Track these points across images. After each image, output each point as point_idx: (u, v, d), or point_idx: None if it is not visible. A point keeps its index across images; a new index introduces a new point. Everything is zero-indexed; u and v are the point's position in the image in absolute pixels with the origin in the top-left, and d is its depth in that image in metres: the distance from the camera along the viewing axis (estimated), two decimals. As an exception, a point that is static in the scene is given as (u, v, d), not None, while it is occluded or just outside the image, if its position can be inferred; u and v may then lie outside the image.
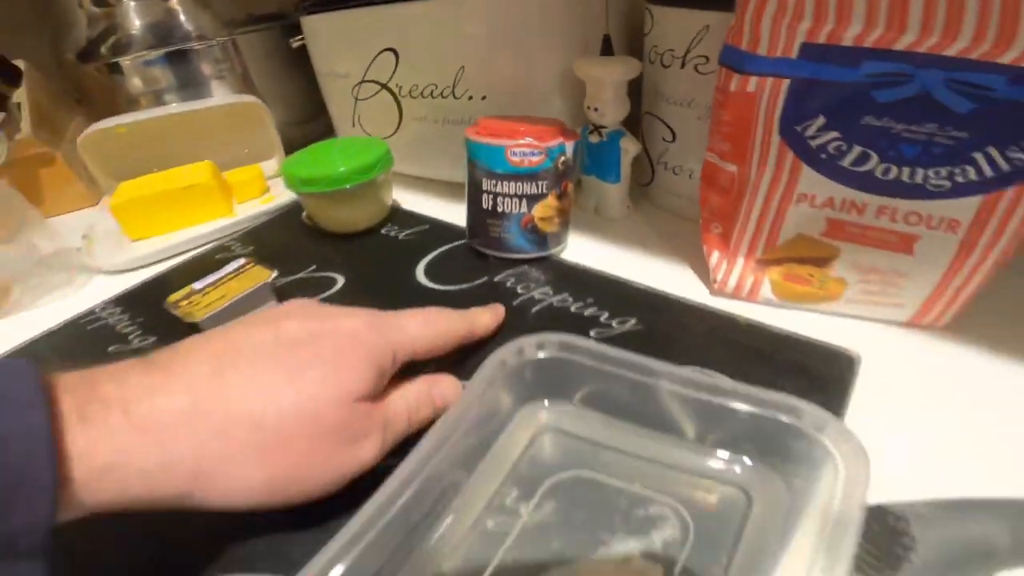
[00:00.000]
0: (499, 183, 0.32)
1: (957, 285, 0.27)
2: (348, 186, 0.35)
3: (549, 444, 0.23)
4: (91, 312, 0.35)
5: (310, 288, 0.34)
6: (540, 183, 0.32)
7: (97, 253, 0.39)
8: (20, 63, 0.48)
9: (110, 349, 0.31)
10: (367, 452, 0.20)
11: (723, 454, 0.21)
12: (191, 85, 0.50)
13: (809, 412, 0.18)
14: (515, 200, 0.32)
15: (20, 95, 0.48)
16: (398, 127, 0.44)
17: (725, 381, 0.21)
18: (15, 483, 0.15)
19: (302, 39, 0.53)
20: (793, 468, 0.19)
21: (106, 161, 0.43)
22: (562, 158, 0.32)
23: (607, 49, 0.36)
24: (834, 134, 0.25)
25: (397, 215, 0.42)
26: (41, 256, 0.36)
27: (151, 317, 0.34)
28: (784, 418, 0.19)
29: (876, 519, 0.18)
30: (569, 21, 0.37)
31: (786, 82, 0.25)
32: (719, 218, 0.31)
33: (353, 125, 0.47)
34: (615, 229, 0.38)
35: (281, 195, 0.45)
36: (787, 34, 0.24)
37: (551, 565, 0.19)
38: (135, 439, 0.17)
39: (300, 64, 0.56)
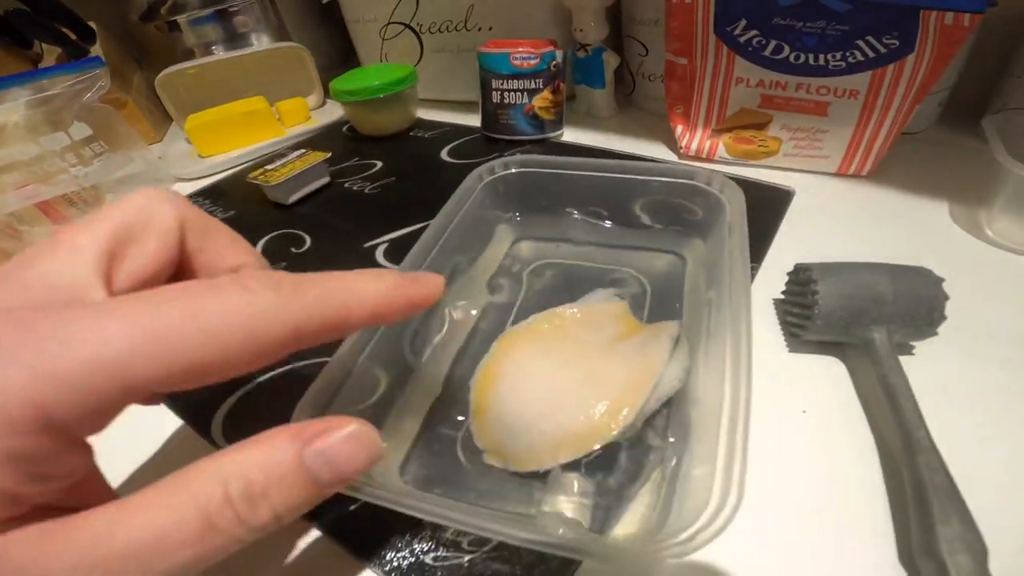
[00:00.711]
0: (505, 81, 0.40)
1: (867, 140, 0.35)
2: (381, 95, 0.44)
3: (527, 246, 0.30)
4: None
5: (356, 170, 0.42)
6: (537, 80, 0.40)
7: (176, 165, 0.48)
8: (92, 24, 0.57)
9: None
10: None
11: (659, 228, 0.28)
12: (236, 38, 0.58)
13: (702, 174, 0.26)
14: (518, 94, 0.40)
15: (96, 51, 0.56)
16: (420, 59, 0.52)
17: (649, 164, 0.28)
18: None
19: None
20: (708, 229, 0.26)
21: (177, 98, 0.51)
22: (553, 61, 0.40)
23: None
24: (754, 32, 0.34)
25: (422, 123, 0.50)
26: (133, 168, 0.44)
27: (229, 200, 0.42)
28: (690, 181, 0.26)
29: (793, 274, 0.25)
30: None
31: None
32: (680, 101, 0.39)
33: (381, 61, 0.55)
34: (604, 124, 0.46)
35: (323, 120, 0.53)
36: None
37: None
38: None
39: (329, 16, 0.63)
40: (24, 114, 0.39)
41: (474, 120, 0.46)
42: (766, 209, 0.33)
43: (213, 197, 0.43)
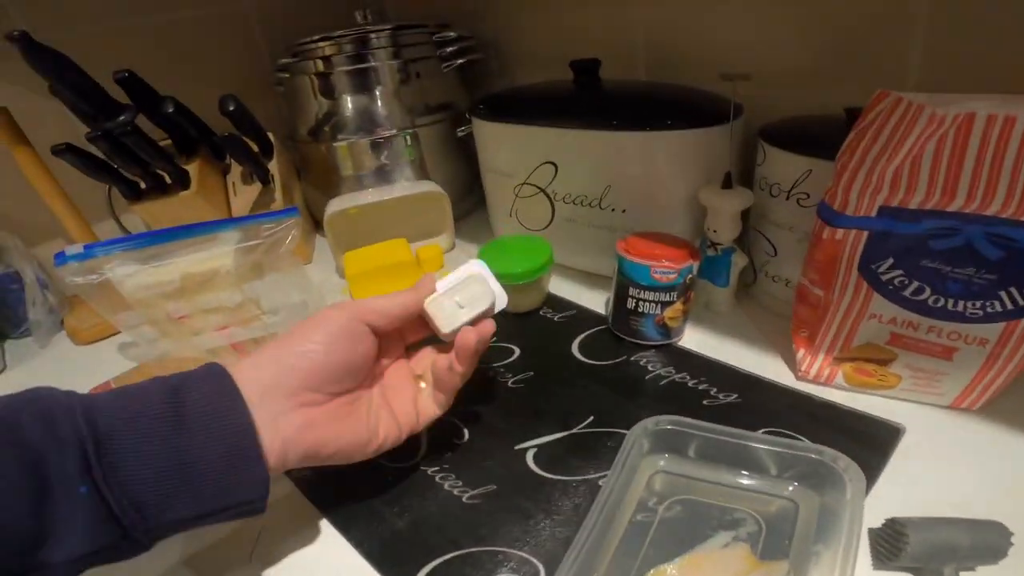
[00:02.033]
0: (642, 292, 0.43)
1: (985, 383, 0.36)
2: (521, 282, 0.48)
3: (661, 479, 0.34)
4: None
5: (496, 355, 0.47)
6: (672, 293, 0.43)
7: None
8: (271, 135, 0.65)
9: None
10: None
11: (780, 480, 0.32)
12: (382, 164, 0.66)
13: (828, 452, 0.30)
14: (652, 304, 0.44)
15: (272, 166, 0.65)
16: (549, 223, 0.56)
17: (787, 440, 0.32)
18: (243, 455, 0.27)
19: (466, 129, 0.67)
20: (823, 488, 0.31)
21: (337, 235, 0.59)
22: (689, 275, 0.43)
23: (727, 183, 0.45)
24: (899, 272, 0.35)
25: (551, 300, 0.54)
26: (298, 298, 0.52)
27: None
28: (815, 456, 0.31)
29: (888, 525, 0.29)
30: (696, 160, 0.47)
31: (865, 233, 0.34)
32: (806, 326, 0.41)
33: (510, 215, 0.60)
34: (721, 321, 0.49)
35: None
36: (869, 200, 0.34)
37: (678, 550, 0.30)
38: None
39: (462, 149, 0.70)
40: (233, 261, 0.46)
41: (596, 300, 0.50)
42: (873, 445, 0.35)
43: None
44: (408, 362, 0.39)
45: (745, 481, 0.33)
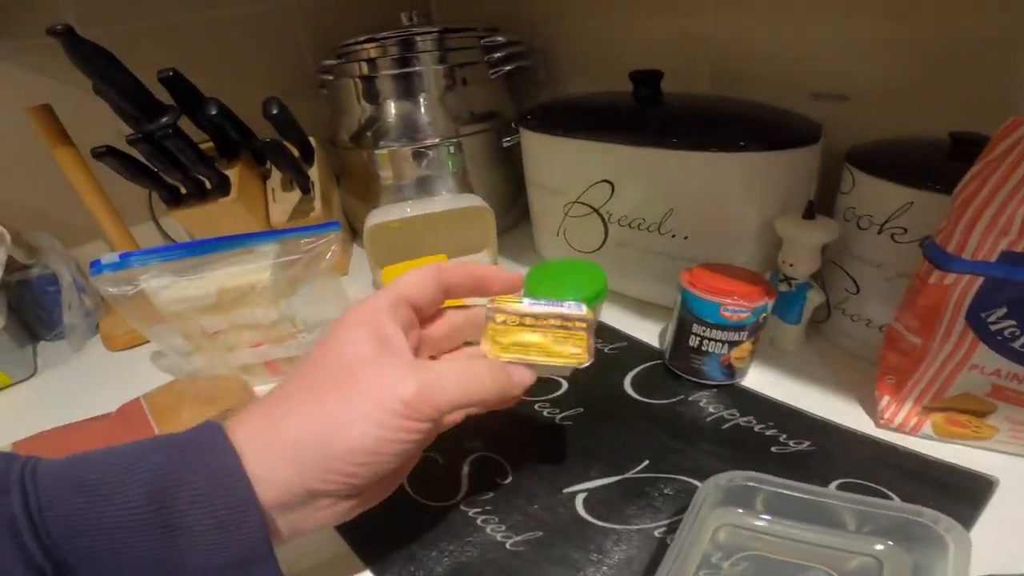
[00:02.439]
0: (709, 330, 0.39)
1: None
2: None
3: (726, 532, 0.31)
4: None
5: (542, 388, 0.44)
6: (742, 332, 0.39)
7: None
8: (312, 140, 0.63)
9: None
10: None
11: (858, 536, 0.29)
12: (424, 174, 0.63)
13: (928, 513, 0.27)
14: (719, 344, 0.40)
15: (312, 173, 0.63)
16: (601, 246, 0.53)
17: (873, 499, 0.29)
18: (238, 508, 0.21)
19: (511, 140, 0.64)
20: (914, 546, 0.28)
21: (376, 248, 0.57)
22: (763, 315, 0.39)
23: (810, 213, 0.40)
24: (1011, 322, 0.31)
25: (600, 329, 0.50)
26: (330, 319, 0.49)
27: None
28: (913, 517, 0.27)
29: None
30: (772, 185, 0.43)
31: (980, 279, 0.30)
32: (895, 373, 0.37)
33: (557, 235, 0.57)
34: (788, 360, 0.45)
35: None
36: (992, 244, 0.30)
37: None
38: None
39: (506, 161, 0.67)
40: (270, 276, 0.44)
41: (651, 330, 0.46)
42: (964, 498, 0.32)
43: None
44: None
45: (819, 536, 0.30)
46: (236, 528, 0.20)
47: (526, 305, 0.28)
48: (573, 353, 0.27)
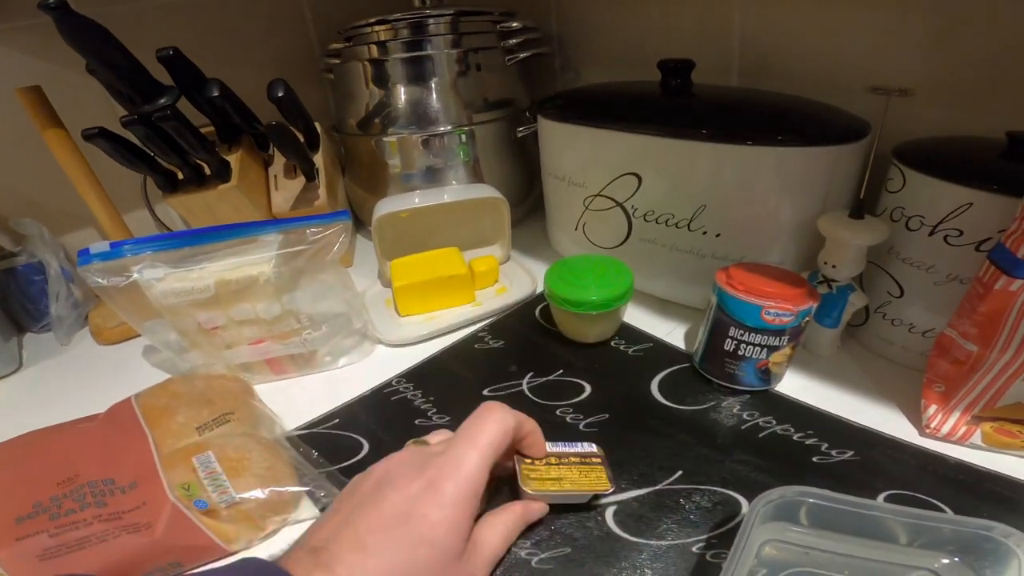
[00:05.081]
0: (747, 334, 0.37)
1: None
2: (596, 311, 0.42)
3: (772, 550, 0.28)
4: (389, 384, 0.43)
5: (563, 391, 0.41)
6: (783, 337, 0.36)
7: (377, 325, 0.49)
8: (318, 126, 0.59)
9: (416, 422, 0.40)
10: None
11: (911, 550, 0.27)
12: (433, 163, 0.60)
13: (999, 527, 0.26)
14: (757, 348, 0.37)
15: (317, 159, 0.59)
16: (623, 242, 0.50)
17: (936, 513, 0.27)
18: None
19: (526, 130, 0.61)
20: (980, 563, 0.26)
21: (384, 239, 0.54)
22: (806, 319, 0.36)
23: (858, 212, 0.38)
24: None
25: (623, 330, 0.47)
26: (340, 309, 0.46)
27: (441, 397, 0.42)
28: (981, 531, 0.26)
29: None
30: (814, 182, 0.40)
31: None
32: (944, 380, 0.35)
33: (576, 229, 0.54)
34: (823, 365, 0.42)
35: (511, 287, 0.53)
36: None
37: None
38: None
39: (520, 152, 0.64)
40: (273, 268, 0.41)
41: (676, 330, 0.44)
42: (1019, 510, 0.30)
43: (424, 390, 0.43)
44: None
45: (870, 551, 0.28)
46: None
47: (547, 447, 0.33)
48: (598, 482, 0.32)
